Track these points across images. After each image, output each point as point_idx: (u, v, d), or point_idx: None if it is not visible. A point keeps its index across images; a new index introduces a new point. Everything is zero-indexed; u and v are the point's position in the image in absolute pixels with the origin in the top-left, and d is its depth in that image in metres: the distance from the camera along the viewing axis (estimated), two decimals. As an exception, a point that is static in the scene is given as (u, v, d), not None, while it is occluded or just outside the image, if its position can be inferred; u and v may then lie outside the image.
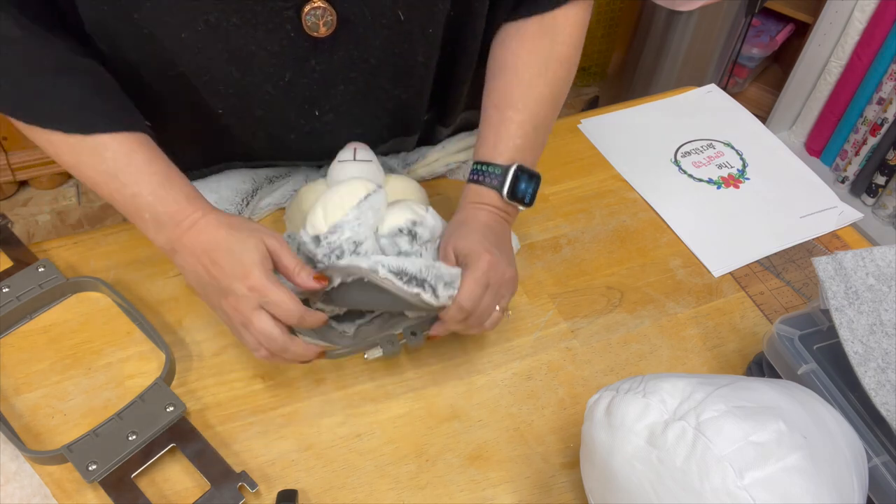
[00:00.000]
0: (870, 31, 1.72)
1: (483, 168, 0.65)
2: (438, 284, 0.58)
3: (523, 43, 0.65)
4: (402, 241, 0.62)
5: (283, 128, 0.70)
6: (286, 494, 0.55)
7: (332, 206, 0.61)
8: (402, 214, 0.62)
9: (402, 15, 0.59)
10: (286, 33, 0.57)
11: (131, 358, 0.66)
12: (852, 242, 0.80)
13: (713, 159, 0.89)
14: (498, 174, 0.64)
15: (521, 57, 0.65)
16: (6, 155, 1.84)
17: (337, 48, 0.61)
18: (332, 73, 0.63)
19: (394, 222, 0.62)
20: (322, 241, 0.60)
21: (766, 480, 0.41)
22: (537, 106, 0.65)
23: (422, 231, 0.62)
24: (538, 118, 0.66)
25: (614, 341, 0.70)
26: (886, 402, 0.52)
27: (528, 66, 0.65)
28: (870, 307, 0.56)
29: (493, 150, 0.65)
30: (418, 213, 0.62)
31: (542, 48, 0.65)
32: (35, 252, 0.72)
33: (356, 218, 0.60)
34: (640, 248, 0.79)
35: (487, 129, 0.66)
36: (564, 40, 0.66)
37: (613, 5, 2.16)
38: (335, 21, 0.57)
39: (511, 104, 0.65)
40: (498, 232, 0.64)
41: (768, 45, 2.03)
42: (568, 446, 0.61)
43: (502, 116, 0.65)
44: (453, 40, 0.67)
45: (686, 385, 0.47)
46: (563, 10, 0.65)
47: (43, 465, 0.58)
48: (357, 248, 0.60)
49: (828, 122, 1.91)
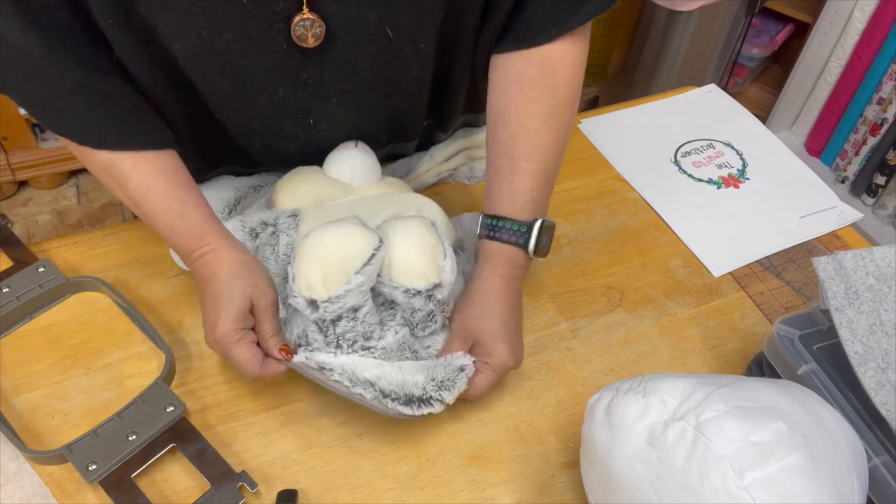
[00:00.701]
0: (870, 31, 1.72)
1: (503, 224, 0.63)
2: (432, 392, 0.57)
3: (524, 90, 0.63)
4: (417, 301, 0.58)
5: (279, 138, 0.70)
6: (286, 494, 0.55)
7: (333, 270, 0.55)
8: (423, 275, 0.57)
9: (391, 32, 0.59)
10: (278, 46, 0.57)
11: (131, 358, 0.66)
12: (852, 242, 0.80)
13: (713, 159, 0.89)
14: (523, 231, 0.62)
15: (523, 105, 0.63)
16: (6, 155, 1.84)
17: (327, 61, 0.60)
18: (324, 87, 0.63)
19: (413, 284, 0.57)
20: (320, 308, 0.56)
21: (766, 480, 0.41)
22: (546, 156, 0.63)
23: (440, 294, 0.59)
24: (549, 168, 0.64)
25: (614, 341, 0.70)
26: (886, 402, 0.52)
27: (531, 115, 0.63)
28: (870, 307, 0.56)
29: (512, 206, 0.63)
30: (437, 269, 0.58)
31: (544, 94, 0.63)
32: (35, 252, 0.72)
33: (360, 285, 0.55)
34: (640, 248, 0.79)
35: (501, 182, 0.64)
36: (564, 83, 0.64)
37: (613, 5, 2.15)
38: (323, 33, 0.57)
39: (521, 155, 0.63)
40: (515, 305, 0.64)
41: (768, 45, 2.03)
42: (568, 446, 0.61)
43: (515, 167, 0.63)
44: (448, 53, 0.67)
45: (686, 385, 0.47)
46: (559, 49, 0.62)
47: (43, 465, 0.58)
48: (355, 314, 0.57)
49: (828, 122, 1.91)
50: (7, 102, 1.72)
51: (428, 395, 0.57)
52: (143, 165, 0.60)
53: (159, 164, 0.60)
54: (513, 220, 0.63)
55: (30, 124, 1.82)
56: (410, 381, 0.57)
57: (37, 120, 0.59)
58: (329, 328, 0.57)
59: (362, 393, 0.55)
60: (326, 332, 0.57)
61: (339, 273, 0.55)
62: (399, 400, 0.56)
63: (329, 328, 0.57)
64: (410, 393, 0.57)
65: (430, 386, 0.57)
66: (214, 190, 0.74)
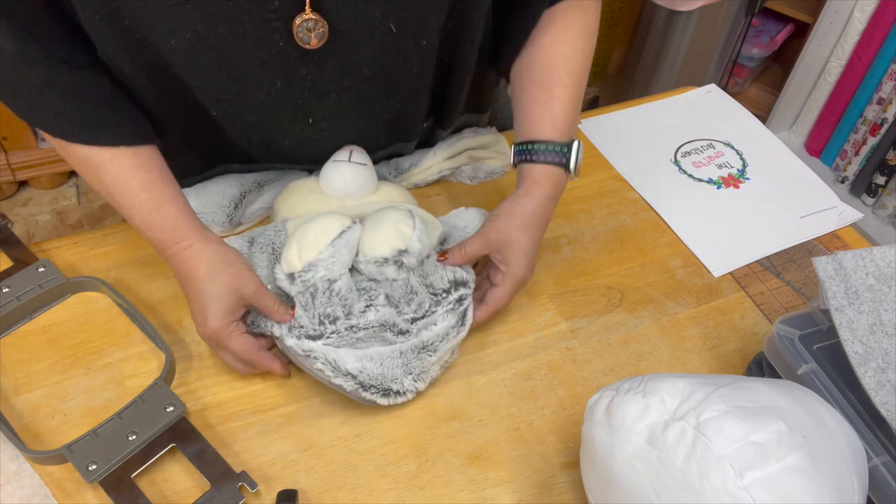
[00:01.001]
0: (870, 31, 1.72)
1: (545, 147, 0.65)
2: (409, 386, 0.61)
3: (555, 20, 0.66)
4: (388, 269, 0.62)
5: (277, 134, 0.70)
6: (286, 494, 0.55)
7: (307, 243, 0.61)
8: (388, 242, 0.61)
9: (395, 28, 0.59)
10: (275, 43, 0.57)
11: (131, 358, 0.66)
12: (852, 242, 0.80)
13: (713, 159, 0.89)
14: (564, 152, 0.65)
15: (558, 34, 0.66)
16: (6, 155, 1.84)
17: (328, 59, 0.60)
18: (323, 83, 0.63)
19: (379, 252, 0.61)
20: (296, 279, 0.61)
21: (766, 480, 0.41)
22: (580, 78, 0.67)
23: (408, 259, 0.62)
24: (581, 91, 0.67)
25: (614, 341, 0.70)
26: (886, 402, 0.52)
27: (567, 41, 0.66)
28: (870, 307, 0.56)
29: (553, 129, 0.66)
30: (404, 239, 0.61)
31: (577, 23, 0.66)
32: (35, 252, 0.72)
33: (330, 256, 0.60)
34: (640, 248, 0.79)
35: (540, 109, 0.66)
36: (591, 13, 0.67)
37: (613, 5, 2.15)
38: (327, 33, 0.57)
39: (558, 81, 0.65)
40: (544, 227, 0.67)
41: (768, 45, 2.03)
42: (568, 446, 0.61)
43: (551, 94, 0.66)
44: (450, 52, 0.67)
45: (686, 385, 0.47)
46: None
47: (43, 465, 0.58)
48: (331, 286, 0.61)
49: (828, 122, 1.91)
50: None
51: (405, 389, 0.61)
52: (121, 159, 0.60)
53: (137, 158, 0.60)
54: (554, 143, 0.65)
55: (30, 124, 1.82)
56: (389, 376, 0.61)
57: (13, 112, 0.59)
58: (309, 303, 0.61)
59: (342, 384, 0.59)
60: (307, 308, 0.61)
61: (311, 248, 0.61)
62: (378, 392, 0.60)
63: (309, 303, 0.61)
64: (388, 387, 0.61)
65: (407, 380, 0.61)
66: (219, 186, 0.74)
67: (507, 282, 0.65)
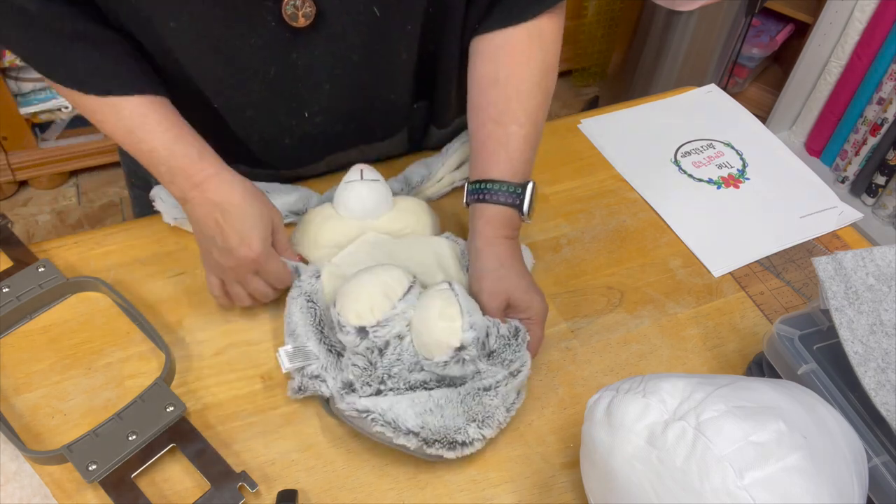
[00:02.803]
0: (870, 31, 1.72)
1: (498, 188, 0.64)
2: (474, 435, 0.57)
3: (514, 54, 0.64)
4: (453, 368, 0.58)
5: (275, 130, 0.71)
6: (286, 494, 0.55)
7: (378, 296, 0.58)
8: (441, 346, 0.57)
9: (378, 11, 0.60)
10: (267, 23, 0.58)
11: (131, 358, 0.66)
12: (852, 242, 0.80)
13: (713, 159, 0.89)
14: (518, 193, 0.64)
15: (514, 69, 0.64)
16: (6, 155, 1.84)
17: (317, 42, 0.61)
18: (315, 70, 0.64)
19: (437, 357, 0.57)
20: (370, 334, 0.58)
21: (766, 480, 0.41)
22: (536, 117, 0.65)
23: (468, 354, 0.57)
24: (538, 130, 0.66)
25: (614, 341, 0.70)
26: (886, 402, 0.52)
27: (523, 78, 0.64)
28: (870, 307, 0.56)
29: (508, 168, 0.64)
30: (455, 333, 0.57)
31: (535, 58, 0.64)
32: (35, 252, 0.72)
33: (403, 311, 0.59)
34: (640, 248, 0.79)
35: (494, 145, 0.65)
36: (550, 48, 0.65)
37: (613, 5, 2.15)
38: (314, 13, 0.58)
39: (513, 118, 0.64)
40: (521, 259, 0.65)
41: (768, 45, 2.03)
42: (568, 446, 0.61)
43: (507, 132, 0.64)
44: (434, 37, 0.67)
45: (686, 385, 0.47)
46: (545, 18, 0.64)
47: (43, 465, 0.58)
48: (401, 343, 0.59)
49: (828, 122, 1.91)
50: (7, 103, 1.72)
51: (471, 438, 0.57)
52: (138, 101, 0.60)
53: (153, 100, 0.61)
54: (508, 183, 0.64)
55: (30, 124, 1.82)
56: (452, 427, 0.57)
57: (37, 70, 0.60)
58: (377, 359, 0.58)
59: (405, 443, 0.56)
60: (375, 364, 0.58)
61: (383, 301, 0.59)
62: (444, 447, 0.57)
63: (377, 359, 0.58)
64: (453, 439, 0.57)
65: (471, 428, 0.58)
66: None
67: (535, 322, 0.63)
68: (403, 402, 0.57)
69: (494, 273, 0.63)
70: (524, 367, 0.60)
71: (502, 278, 0.62)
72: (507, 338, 0.60)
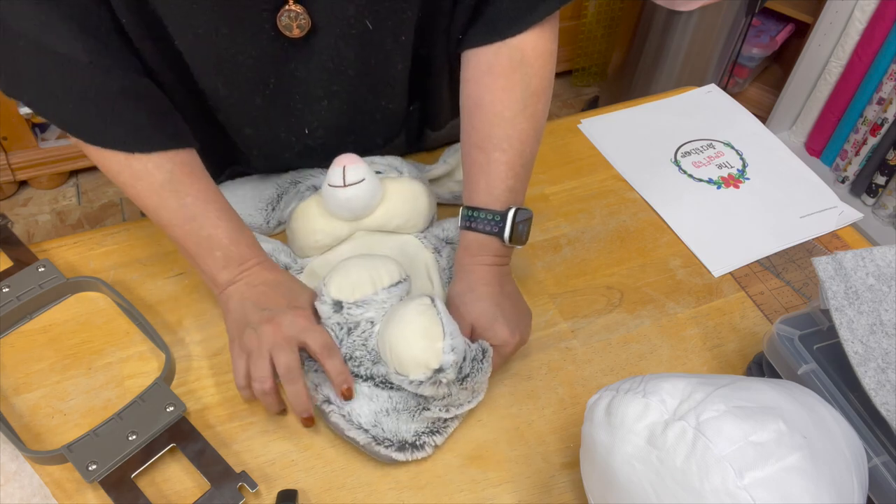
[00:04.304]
0: (870, 31, 1.72)
1: (478, 215, 0.64)
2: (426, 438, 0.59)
3: (497, 80, 0.63)
4: (426, 389, 0.56)
5: (275, 146, 0.72)
6: (286, 494, 0.55)
7: (364, 278, 0.60)
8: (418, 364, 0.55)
9: (370, 24, 0.60)
10: (266, 33, 0.59)
11: (131, 358, 0.66)
12: (852, 242, 0.80)
13: (713, 159, 0.89)
14: (497, 220, 0.63)
15: (497, 94, 0.63)
16: (6, 155, 1.84)
17: (313, 53, 0.61)
18: (312, 80, 0.64)
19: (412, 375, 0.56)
20: (344, 310, 0.59)
21: (766, 480, 0.41)
22: (521, 144, 0.63)
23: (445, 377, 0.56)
24: (524, 156, 0.64)
25: (614, 341, 0.70)
26: (886, 402, 0.52)
27: (505, 104, 0.63)
28: (870, 307, 0.56)
29: (488, 196, 0.63)
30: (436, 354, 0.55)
31: (517, 85, 0.63)
32: (35, 252, 0.72)
33: (384, 301, 0.59)
34: (640, 248, 0.79)
35: (476, 173, 0.64)
36: (537, 73, 0.64)
37: (613, 5, 2.16)
38: (308, 24, 0.59)
39: (496, 145, 0.63)
40: (504, 285, 0.64)
41: (768, 45, 2.03)
42: (568, 446, 0.61)
43: (489, 158, 0.63)
44: (425, 44, 0.67)
45: (686, 385, 0.47)
46: (529, 41, 0.62)
47: (43, 465, 0.58)
48: (372, 328, 0.59)
49: (828, 122, 1.91)
50: (7, 103, 1.72)
51: (422, 441, 0.59)
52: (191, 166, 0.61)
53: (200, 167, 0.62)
54: (488, 210, 0.63)
55: (30, 124, 1.82)
56: (405, 429, 0.58)
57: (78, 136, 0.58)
58: (344, 336, 0.60)
59: (355, 437, 0.58)
60: (341, 341, 0.60)
61: (367, 284, 0.60)
62: (392, 447, 0.58)
63: (344, 336, 0.60)
64: (403, 439, 0.58)
65: (425, 435, 0.59)
66: (254, 187, 0.75)
67: (497, 352, 0.62)
68: (362, 397, 0.58)
69: (460, 298, 0.63)
70: (484, 388, 0.62)
71: (467, 304, 0.62)
72: (479, 361, 0.59)
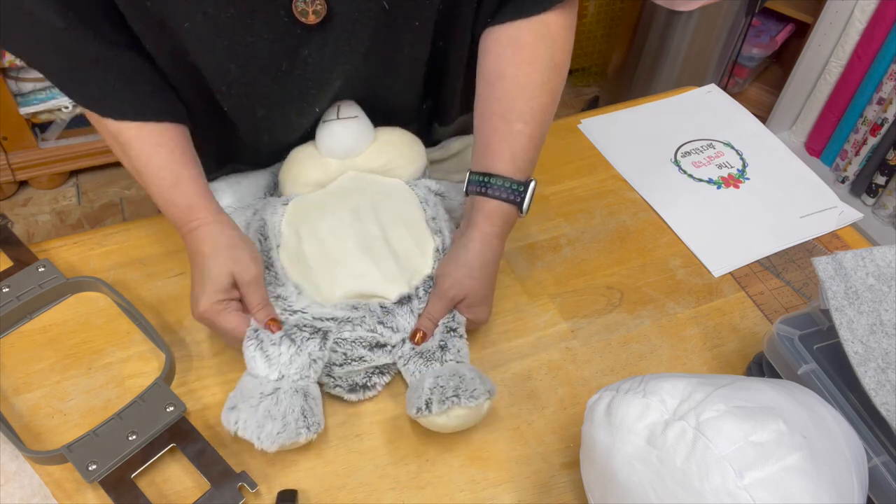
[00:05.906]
0: (870, 31, 1.72)
1: (495, 182, 0.64)
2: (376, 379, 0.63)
3: (521, 52, 0.64)
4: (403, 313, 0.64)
5: (286, 130, 0.70)
6: (286, 494, 0.55)
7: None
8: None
9: (387, 4, 0.59)
10: (280, 18, 0.58)
11: (131, 358, 0.66)
12: (852, 242, 0.80)
13: (713, 159, 0.89)
14: (516, 189, 0.63)
15: (521, 67, 0.64)
16: (6, 155, 1.84)
17: (327, 39, 0.61)
18: (325, 66, 0.63)
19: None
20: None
21: (766, 480, 0.41)
22: (542, 117, 0.64)
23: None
24: (543, 130, 0.65)
25: (614, 341, 0.70)
26: (886, 402, 0.52)
27: (529, 76, 0.63)
28: (870, 307, 0.56)
29: (510, 164, 0.64)
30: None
31: (542, 57, 0.64)
32: (35, 252, 0.72)
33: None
34: (640, 248, 0.79)
35: (499, 142, 0.64)
36: (560, 46, 0.65)
37: (613, 5, 2.16)
38: (324, 10, 0.58)
39: (519, 116, 0.63)
40: (498, 263, 0.65)
41: (768, 45, 2.03)
42: (568, 446, 0.61)
43: (511, 129, 0.64)
44: (444, 36, 0.67)
45: (686, 385, 0.47)
46: (554, 14, 0.64)
47: (43, 465, 0.58)
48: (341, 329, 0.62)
49: (828, 122, 1.91)
50: (7, 103, 1.72)
51: (373, 383, 0.63)
52: (147, 137, 0.61)
53: (163, 136, 0.62)
54: (506, 178, 0.64)
55: (30, 124, 1.82)
56: (355, 370, 0.62)
57: (58, 88, 0.61)
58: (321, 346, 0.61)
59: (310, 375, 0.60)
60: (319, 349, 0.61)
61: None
62: (343, 388, 0.62)
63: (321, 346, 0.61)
64: (354, 381, 0.62)
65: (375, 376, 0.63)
66: (250, 179, 0.75)
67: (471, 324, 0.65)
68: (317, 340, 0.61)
69: (470, 271, 0.63)
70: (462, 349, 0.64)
71: (474, 278, 0.63)
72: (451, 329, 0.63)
